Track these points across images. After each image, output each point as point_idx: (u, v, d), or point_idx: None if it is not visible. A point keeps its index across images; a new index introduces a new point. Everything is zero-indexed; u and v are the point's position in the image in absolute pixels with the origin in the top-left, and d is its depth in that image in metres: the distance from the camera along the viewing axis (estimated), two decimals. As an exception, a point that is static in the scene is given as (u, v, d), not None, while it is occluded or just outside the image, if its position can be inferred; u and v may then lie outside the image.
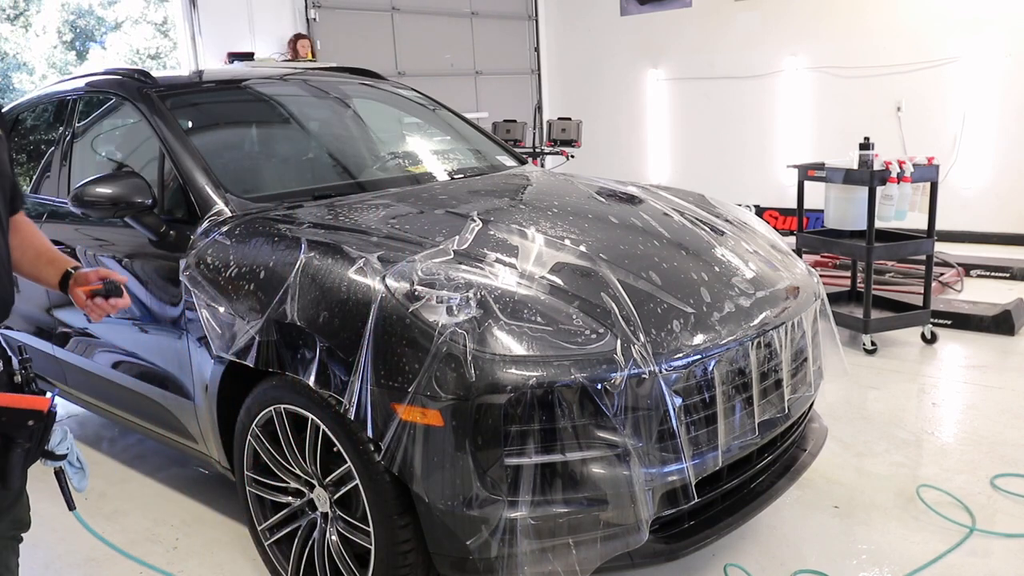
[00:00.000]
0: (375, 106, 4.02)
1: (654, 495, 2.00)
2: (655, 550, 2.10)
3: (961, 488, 2.99)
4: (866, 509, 2.89)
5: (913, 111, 7.48)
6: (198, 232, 2.59)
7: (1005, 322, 4.75)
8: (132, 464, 3.62)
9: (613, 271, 2.26)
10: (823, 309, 2.73)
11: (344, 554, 2.24)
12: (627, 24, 9.54)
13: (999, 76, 7.05)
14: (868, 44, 7.66)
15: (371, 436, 1.99)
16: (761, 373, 2.28)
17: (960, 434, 3.48)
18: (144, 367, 2.93)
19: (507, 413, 1.89)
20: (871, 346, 4.51)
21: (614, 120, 9.75)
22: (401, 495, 2.02)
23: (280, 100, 3.56)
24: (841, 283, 5.41)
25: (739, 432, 2.19)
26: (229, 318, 2.36)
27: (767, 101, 8.47)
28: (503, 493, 1.91)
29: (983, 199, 7.26)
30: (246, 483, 2.49)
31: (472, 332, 1.94)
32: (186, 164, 2.78)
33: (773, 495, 2.42)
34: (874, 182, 4.28)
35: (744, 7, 8.48)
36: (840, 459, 3.26)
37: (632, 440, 1.95)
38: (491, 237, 2.39)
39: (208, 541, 2.92)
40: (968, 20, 7.11)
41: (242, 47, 7.58)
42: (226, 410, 2.53)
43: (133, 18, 11.99)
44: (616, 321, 2.06)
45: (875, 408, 3.78)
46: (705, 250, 2.57)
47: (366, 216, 2.59)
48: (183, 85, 3.37)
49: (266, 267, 2.33)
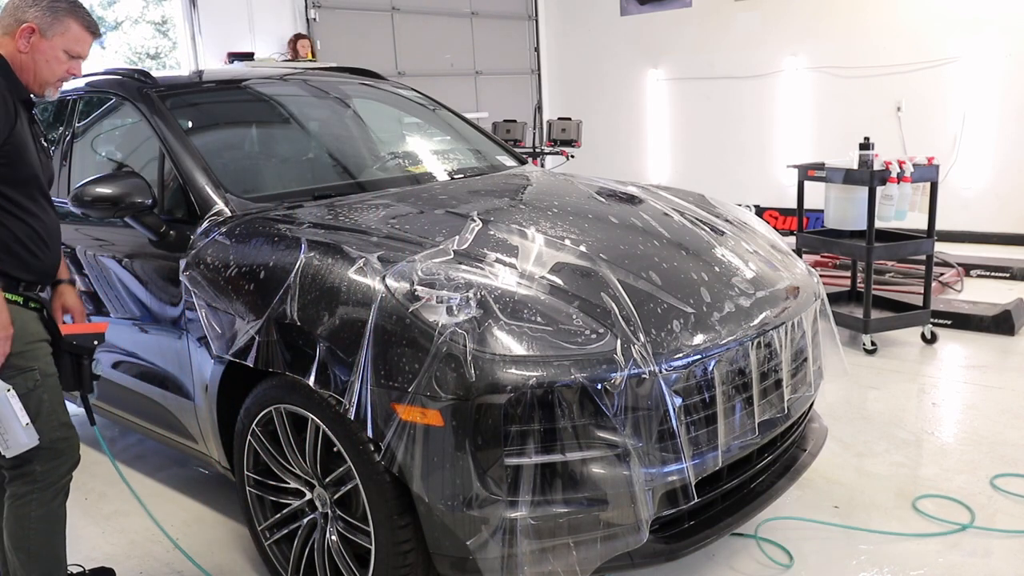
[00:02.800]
0: (375, 106, 4.02)
1: (654, 495, 2.00)
2: (655, 550, 2.10)
3: (961, 488, 2.99)
4: (866, 509, 2.88)
5: (913, 111, 7.48)
6: (198, 232, 2.59)
7: (1005, 322, 4.75)
8: (132, 464, 3.62)
9: (613, 271, 2.26)
10: (823, 309, 2.73)
11: (344, 554, 2.24)
12: (627, 24, 9.55)
13: (999, 76, 7.05)
14: (868, 44, 7.66)
15: (371, 436, 1.99)
16: (761, 373, 2.28)
17: (960, 434, 3.48)
18: (144, 367, 2.93)
19: (507, 413, 1.89)
20: (871, 346, 4.51)
21: (614, 120, 9.75)
22: (401, 495, 2.02)
23: (280, 100, 3.56)
24: (841, 283, 5.41)
25: (739, 432, 2.19)
26: (229, 318, 2.36)
27: (767, 101, 8.47)
28: (503, 493, 1.91)
29: (983, 199, 7.26)
30: (246, 483, 2.49)
31: (472, 332, 1.94)
32: (186, 164, 2.78)
33: (773, 495, 2.42)
34: (874, 182, 4.28)
35: (744, 7, 8.48)
36: (840, 459, 3.26)
37: (632, 440, 1.95)
38: (491, 237, 2.39)
39: (208, 541, 2.92)
40: (968, 20, 7.11)
41: (242, 47, 7.59)
42: (226, 410, 2.53)
43: (133, 18, 11.99)
44: (616, 321, 2.06)
45: (875, 408, 3.78)
46: (705, 250, 2.57)
47: (366, 216, 2.59)
48: (183, 85, 3.37)
49: (266, 267, 2.32)
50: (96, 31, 2.25)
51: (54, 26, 2.14)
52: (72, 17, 2.17)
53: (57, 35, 2.15)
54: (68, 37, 2.17)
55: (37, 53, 2.13)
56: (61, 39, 2.15)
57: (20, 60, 2.13)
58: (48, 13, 2.13)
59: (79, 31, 2.19)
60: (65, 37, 2.16)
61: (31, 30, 2.11)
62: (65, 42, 2.16)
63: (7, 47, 2.13)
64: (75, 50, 2.19)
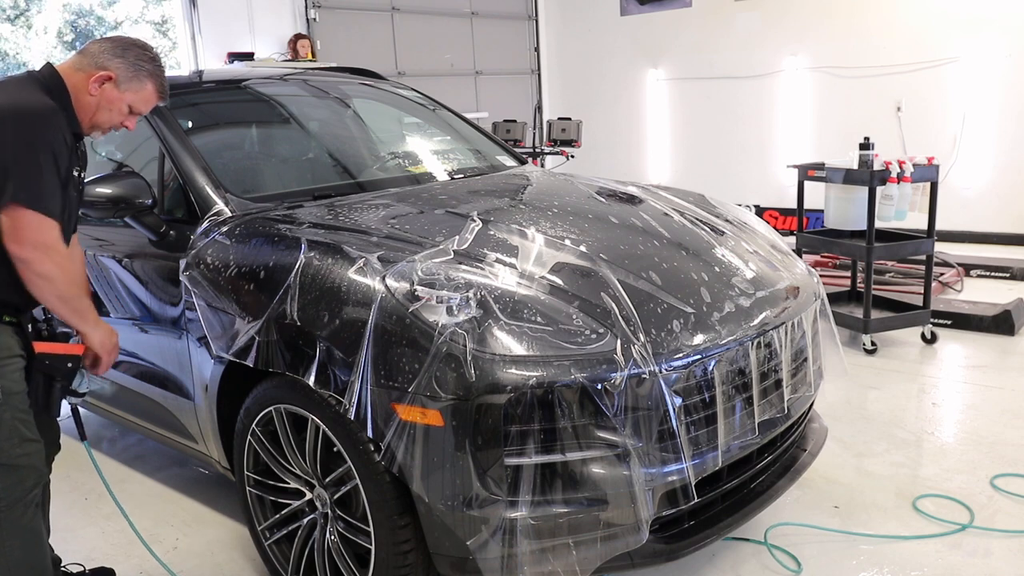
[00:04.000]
0: (375, 106, 4.02)
1: (654, 495, 2.00)
2: (655, 550, 2.10)
3: (961, 488, 2.99)
4: (866, 509, 2.88)
5: (913, 111, 7.48)
6: (198, 232, 2.59)
7: (1005, 322, 4.75)
8: (132, 464, 3.62)
9: (613, 271, 2.26)
10: (823, 309, 2.73)
11: (344, 554, 2.24)
12: (627, 24, 9.54)
13: (999, 76, 7.05)
14: (868, 44, 7.66)
15: (371, 436, 1.99)
16: (761, 373, 2.28)
17: (960, 434, 3.48)
18: (144, 367, 2.93)
19: (507, 413, 1.89)
20: (871, 346, 4.51)
21: (614, 120, 9.75)
22: (401, 495, 2.02)
23: (280, 100, 3.56)
24: (841, 283, 5.41)
25: (739, 432, 2.19)
26: (229, 318, 2.36)
27: (767, 101, 8.47)
28: (503, 493, 1.91)
29: (983, 199, 7.26)
30: (246, 483, 2.49)
31: (472, 332, 1.94)
32: (186, 164, 2.78)
33: (773, 495, 2.42)
34: (874, 182, 4.28)
35: (744, 7, 8.48)
36: (840, 459, 3.26)
37: (632, 440, 1.95)
38: (491, 237, 2.39)
39: (208, 541, 2.92)
40: (968, 20, 7.11)
41: (242, 47, 7.58)
42: (226, 410, 2.53)
43: (133, 18, 11.99)
44: (616, 321, 2.06)
45: (875, 408, 3.78)
46: (705, 250, 2.57)
47: (366, 216, 2.59)
48: (183, 85, 3.37)
49: (266, 267, 2.33)
50: (166, 97, 2.26)
51: (132, 82, 2.14)
52: (152, 80, 2.18)
53: (131, 91, 2.15)
54: (140, 96, 2.17)
55: (104, 100, 2.12)
56: (133, 96, 2.16)
57: (84, 99, 2.11)
58: (131, 69, 2.13)
59: (152, 94, 2.20)
60: (138, 95, 2.17)
61: (108, 78, 2.10)
62: (135, 99, 2.17)
63: (76, 81, 2.09)
64: (140, 109, 2.20)
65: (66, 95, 2.08)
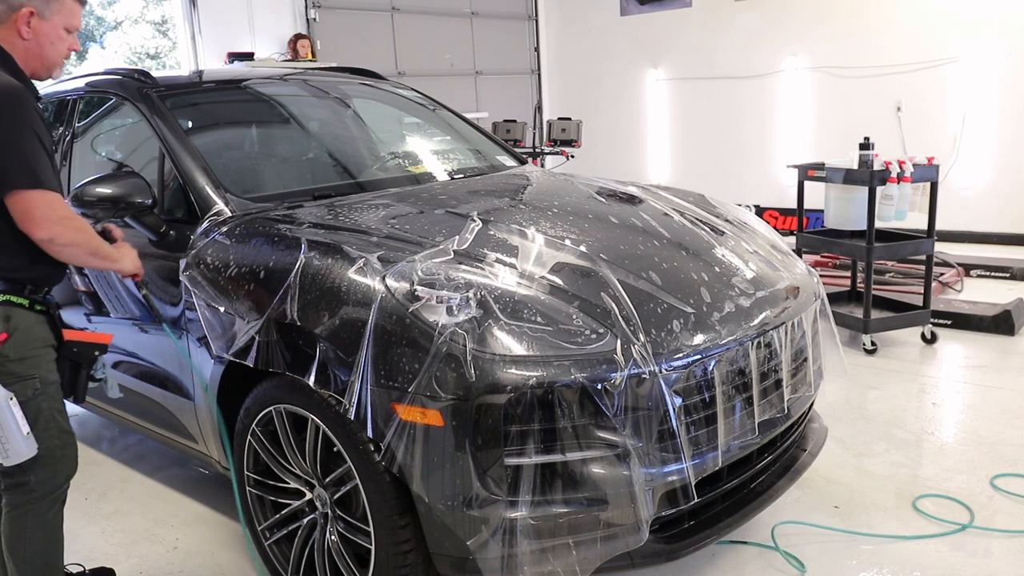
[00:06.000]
0: (375, 106, 4.01)
1: (654, 495, 2.00)
2: (655, 550, 2.11)
3: (961, 488, 2.99)
4: (866, 509, 2.89)
5: (913, 111, 7.48)
6: (198, 232, 2.59)
7: (1005, 322, 4.75)
8: (132, 464, 3.62)
9: (613, 271, 2.26)
10: (823, 309, 2.73)
11: (344, 554, 2.24)
12: (627, 24, 9.55)
13: (999, 76, 7.05)
14: (868, 44, 7.66)
15: (371, 436, 1.99)
16: (761, 373, 2.28)
17: (960, 434, 3.48)
18: (144, 367, 2.93)
19: (507, 413, 1.89)
20: (871, 346, 4.51)
21: (614, 120, 9.75)
22: (401, 495, 2.02)
23: (280, 100, 3.56)
24: (841, 283, 5.41)
25: (739, 432, 2.19)
26: (229, 318, 2.36)
27: (767, 101, 8.47)
28: (503, 493, 1.91)
29: (983, 199, 7.26)
30: (246, 483, 2.49)
31: (472, 332, 1.94)
32: (186, 164, 2.78)
33: (773, 495, 2.42)
34: (874, 182, 4.28)
35: (744, 7, 8.48)
36: (840, 459, 3.26)
37: (632, 440, 1.95)
38: (491, 237, 2.39)
39: (208, 541, 2.92)
40: (968, 20, 7.11)
41: (242, 47, 7.58)
42: (226, 410, 2.53)
43: (133, 18, 12.00)
44: (616, 321, 2.06)
45: (875, 408, 3.78)
46: (705, 250, 2.57)
47: (366, 216, 2.59)
48: (183, 85, 3.37)
49: (266, 267, 2.33)
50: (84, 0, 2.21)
51: (51, 4, 2.08)
52: None
53: (55, 13, 2.09)
54: (65, 13, 2.12)
55: (41, 36, 2.07)
56: (60, 17, 2.11)
57: (24, 48, 2.06)
58: None
59: (72, 3, 2.14)
60: (63, 13, 2.11)
61: (30, 14, 2.04)
62: (64, 19, 2.12)
63: (4, 37, 2.04)
64: (73, 24, 2.15)
65: (10, 60, 2.05)
